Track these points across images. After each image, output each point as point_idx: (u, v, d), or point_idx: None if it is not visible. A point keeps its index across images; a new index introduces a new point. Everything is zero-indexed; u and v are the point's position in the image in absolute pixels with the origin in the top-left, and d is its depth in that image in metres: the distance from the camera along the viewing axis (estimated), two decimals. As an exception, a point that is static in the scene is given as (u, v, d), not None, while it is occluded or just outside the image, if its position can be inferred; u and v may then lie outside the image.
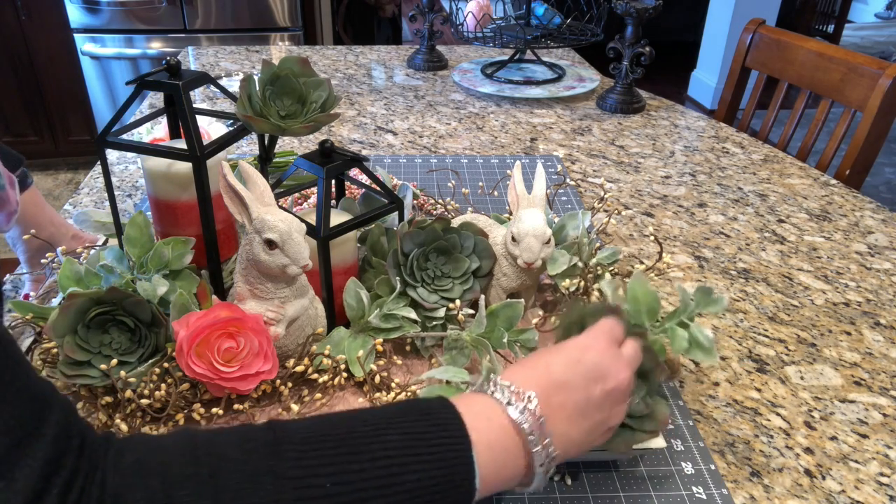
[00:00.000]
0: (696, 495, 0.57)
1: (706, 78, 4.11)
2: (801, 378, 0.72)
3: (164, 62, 0.64)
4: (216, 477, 0.37)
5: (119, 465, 0.37)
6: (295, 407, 0.60)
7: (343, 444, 0.40)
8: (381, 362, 0.66)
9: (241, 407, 0.60)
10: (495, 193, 1.06)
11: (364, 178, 0.83)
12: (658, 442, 0.58)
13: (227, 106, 1.41)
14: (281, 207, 0.60)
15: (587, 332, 0.52)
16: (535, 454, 0.44)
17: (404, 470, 0.40)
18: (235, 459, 0.38)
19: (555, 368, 0.48)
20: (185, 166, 0.64)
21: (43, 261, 0.75)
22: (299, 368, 0.62)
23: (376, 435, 0.41)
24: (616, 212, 1.02)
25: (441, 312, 0.68)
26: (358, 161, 0.67)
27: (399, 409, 0.44)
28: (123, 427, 0.57)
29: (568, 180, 1.12)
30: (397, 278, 0.67)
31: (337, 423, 0.42)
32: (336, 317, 0.68)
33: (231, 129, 0.70)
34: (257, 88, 0.66)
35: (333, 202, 0.74)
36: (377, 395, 0.63)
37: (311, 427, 0.41)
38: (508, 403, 0.45)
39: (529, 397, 0.45)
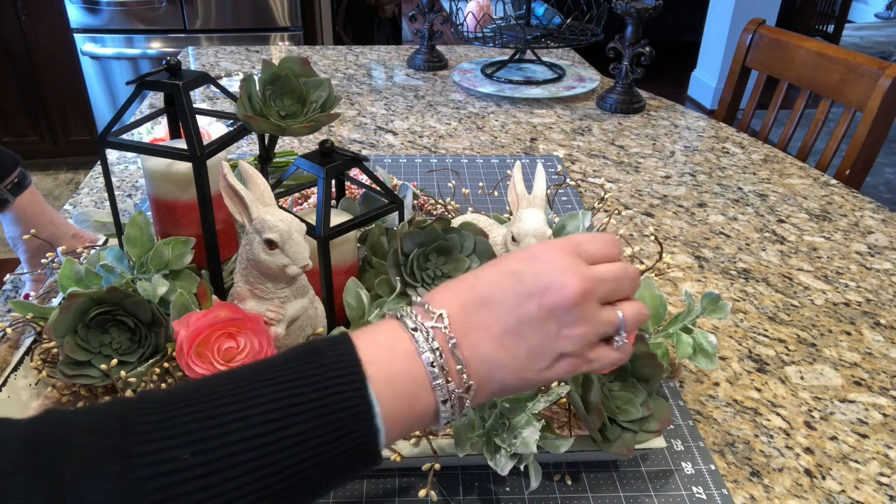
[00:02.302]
0: (696, 495, 0.57)
1: (706, 78, 4.11)
2: (801, 378, 0.72)
3: (164, 62, 0.64)
4: (53, 465, 0.32)
5: None
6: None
7: (207, 406, 0.34)
8: (381, 362, 0.66)
9: (241, 407, 0.60)
10: (495, 193, 1.06)
11: (364, 178, 0.83)
12: (658, 442, 0.58)
13: (227, 106, 1.41)
14: (281, 207, 0.60)
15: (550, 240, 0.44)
16: (437, 387, 0.38)
17: (281, 425, 0.34)
18: (78, 443, 0.33)
19: (482, 282, 0.41)
20: (185, 166, 0.64)
21: (43, 261, 0.75)
22: (299, 368, 0.62)
23: (248, 390, 0.35)
24: (616, 212, 1.02)
25: (441, 312, 0.68)
26: (358, 161, 0.67)
27: (283, 356, 0.38)
28: (123, 427, 0.57)
29: (568, 180, 1.12)
30: (397, 278, 0.67)
31: (205, 385, 0.36)
32: (336, 317, 0.68)
33: (231, 129, 0.70)
34: (257, 88, 0.66)
35: (333, 202, 0.74)
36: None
37: (175, 392, 0.36)
38: (414, 329, 0.39)
39: (441, 316, 0.40)
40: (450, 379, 0.39)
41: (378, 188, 0.71)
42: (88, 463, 0.32)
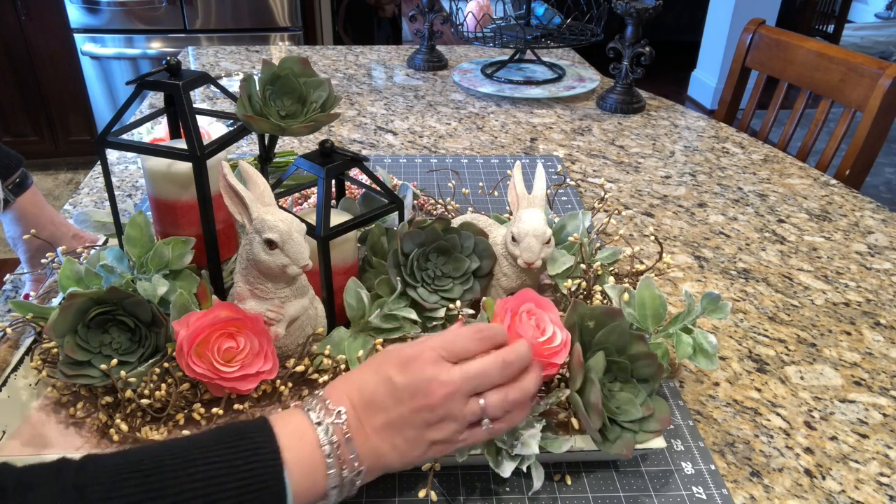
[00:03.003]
0: (696, 495, 0.57)
1: (706, 78, 4.11)
2: (801, 378, 0.72)
3: (164, 62, 0.64)
4: None
5: None
6: (295, 407, 0.60)
7: (148, 480, 0.40)
8: (381, 362, 0.66)
9: (241, 407, 0.60)
10: (495, 193, 1.06)
11: (364, 178, 0.83)
12: (658, 442, 0.58)
13: (227, 106, 1.41)
14: (281, 207, 0.60)
15: (422, 340, 0.51)
16: (331, 475, 0.46)
17: (213, 500, 0.41)
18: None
19: (367, 386, 0.49)
20: (185, 166, 0.64)
21: (43, 261, 0.75)
22: (299, 368, 0.62)
23: (184, 467, 0.42)
24: (616, 212, 1.02)
25: (441, 313, 0.68)
26: (358, 161, 0.67)
27: (212, 436, 0.44)
28: (124, 427, 0.57)
29: (568, 180, 1.12)
30: (397, 278, 0.67)
31: (147, 457, 0.42)
32: (336, 317, 0.68)
33: (231, 129, 0.70)
34: (257, 88, 0.66)
35: (333, 202, 0.74)
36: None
37: (120, 461, 0.42)
38: (318, 423, 0.47)
39: (339, 412, 0.47)
40: (344, 466, 0.46)
41: (378, 188, 0.71)
42: None
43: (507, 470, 0.54)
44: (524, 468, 0.55)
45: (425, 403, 0.48)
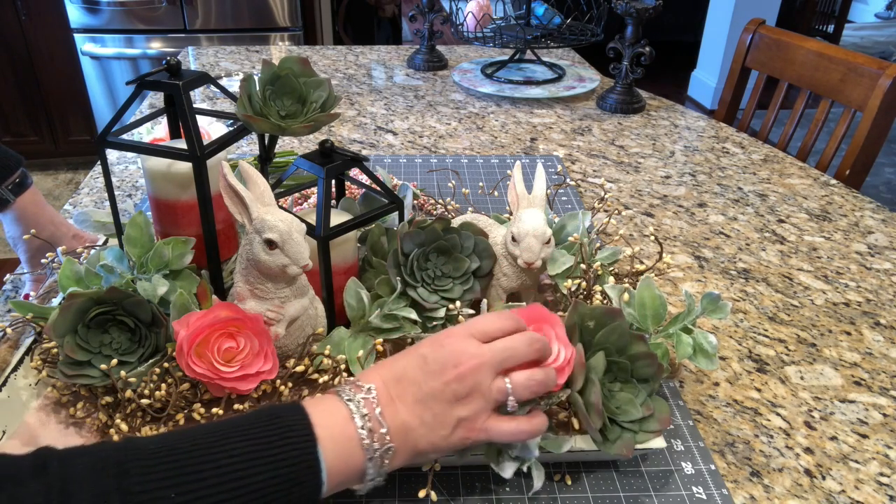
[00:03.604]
0: (696, 495, 0.57)
1: (706, 78, 4.11)
2: (801, 378, 0.72)
3: (164, 62, 0.64)
4: (65, 499, 0.39)
5: None
6: (295, 407, 0.60)
7: (188, 455, 0.42)
8: (381, 362, 0.66)
9: (241, 407, 0.60)
10: (495, 193, 1.06)
11: (364, 178, 0.83)
12: (658, 442, 0.58)
13: (227, 106, 1.41)
14: (281, 207, 0.60)
15: (455, 326, 0.54)
16: (366, 447, 0.47)
17: (248, 473, 0.42)
18: (84, 480, 0.40)
19: (398, 364, 0.51)
20: (185, 166, 0.64)
21: (43, 261, 0.75)
22: (299, 368, 0.62)
23: (221, 443, 0.43)
24: (616, 212, 1.02)
25: (441, 313, 0.68)
26: (358, 161, 0.67)
27: (248, 418, 0.46)
28: (124, 427, 0.57)
29: (568, 180, 1.12)
30: (397, 278, 0.67)
31: (185, 437, 0.44)
32: (336, 317, 0.68)
33: (231, 129, 0.70)
34: (257, 88, 0.66)
35: (333, 202, 0.74)
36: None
37: (160, 442, 0.43)
38: (349, 400, 0.48)
39: (369, 389, 0.49)
40: (375, 439, 0.47)
41: (378, 188, 0.71)
42: (95, 497, 0.39)
43: (508, 471, 0.54)
44: (524, 468, 0.55)
45: (455, 374, 0.49)
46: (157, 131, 1.01)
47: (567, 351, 0.56)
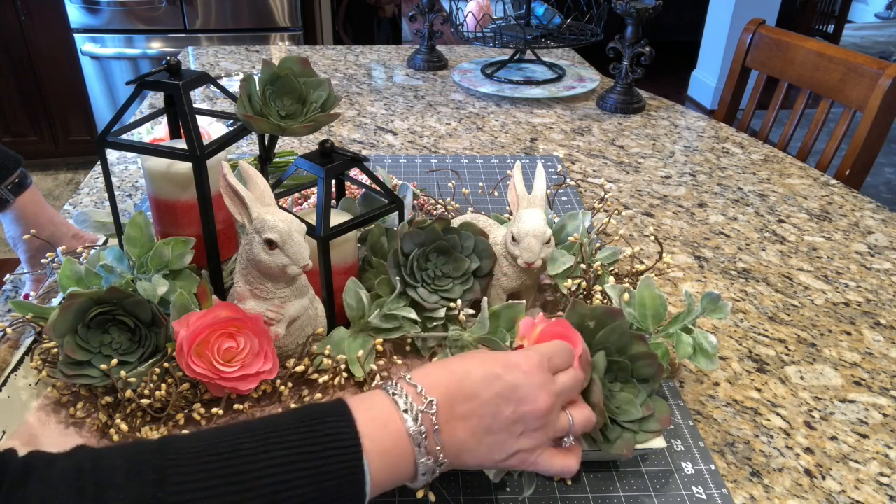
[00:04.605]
0: (696, 495, 0.57)
1: (706, 78, 4.11)
2: (801, 378, 0.72)
3: (164, 62, 0.64)
4: None
5: (11, 498, 0.37)
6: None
7: (228, 464, 0.40)
8: (382, 362, 0.66)
9: (241, 407, 0.60)
10: (495, 193, 1.06)
11: (364, 178, 0.83)
12: (658, 442, 0.58)
13: (227, 106, 1.41)
14: (281, 207, 0.60)
15: (526, 349, 0.51)
16: (420, 464, 0.45)
17: (290, 486, 0.40)
18: (120, 487, 0.38)
19: (470, 378, 0.47)
20: (185, 166, 0.64)
21: (43, 261, 0.75)
22: (299, 368, 0.62)
23: (263, 451, 0.41)
24: (616, 212, 1.02)
25: (441, 313, 0.68)
26: (358, 161, 0.67)
27: (291, 419, 0.44)
28: (124, 427, 0.57)
29: (568, 180, 1.12)
30: (397, 278, 0.67)
31: (224, 440, 0.42)
32: (336, 317, 0.68)
33: (231, 129, 0.70)
34: (257, 88, 0.66)
35: (333, 202, 0.74)
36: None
37: (198, 446, 0.41)
38: (405, 411, 0.45)
39: (431, 402, 0.45)
40: (429, 457, 0.45)
41: (378, 188, 0.71)
42: None
43: (497, 475, 0.54)
44: (515, 474, 0.55)
45: (531, 409, 0.47)
46: (157, 131, 1.01)
47: (586, 372, 0.55)
